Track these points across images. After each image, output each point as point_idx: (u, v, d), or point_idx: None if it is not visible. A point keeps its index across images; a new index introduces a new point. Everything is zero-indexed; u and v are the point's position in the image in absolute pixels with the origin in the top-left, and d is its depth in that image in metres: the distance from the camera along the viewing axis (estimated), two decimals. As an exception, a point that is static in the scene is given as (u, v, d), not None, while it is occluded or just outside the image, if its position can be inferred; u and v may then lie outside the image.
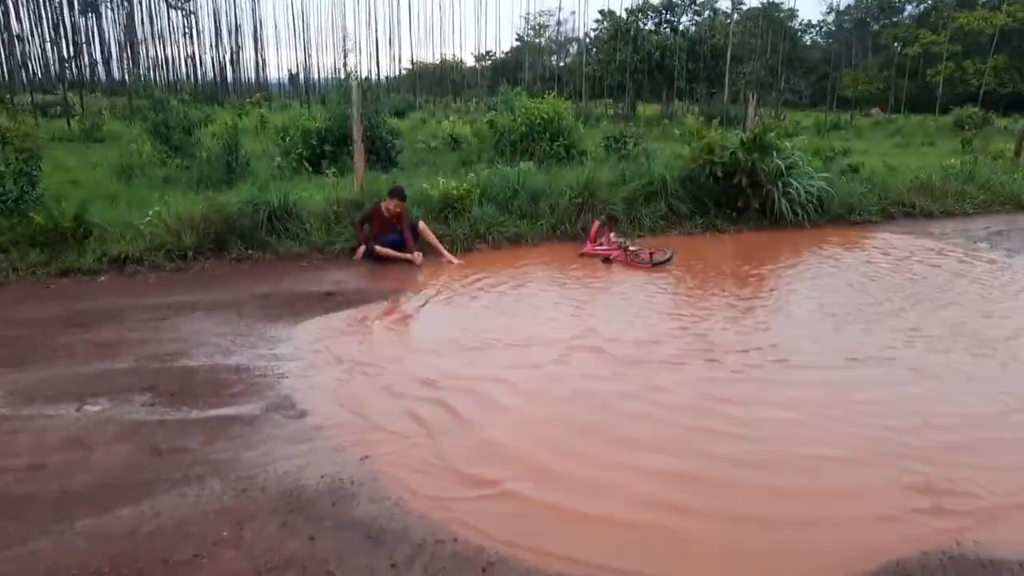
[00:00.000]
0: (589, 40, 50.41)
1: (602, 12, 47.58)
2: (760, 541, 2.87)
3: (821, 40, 62.53)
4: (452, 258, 7.31)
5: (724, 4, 45.39)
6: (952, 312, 5.92)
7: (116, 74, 50.20)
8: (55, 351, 4.73)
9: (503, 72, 60.52)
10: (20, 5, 38.10)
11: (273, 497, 3.07)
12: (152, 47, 47.83)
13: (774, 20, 48.89)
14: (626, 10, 41.37)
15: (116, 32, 49.89)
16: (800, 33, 58.32)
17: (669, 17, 39.96)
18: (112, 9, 49.48)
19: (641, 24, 39.27)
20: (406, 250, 7.28)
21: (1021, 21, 43.86)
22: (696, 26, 41.21)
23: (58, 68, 39.42)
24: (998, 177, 11.39)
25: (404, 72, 64.38)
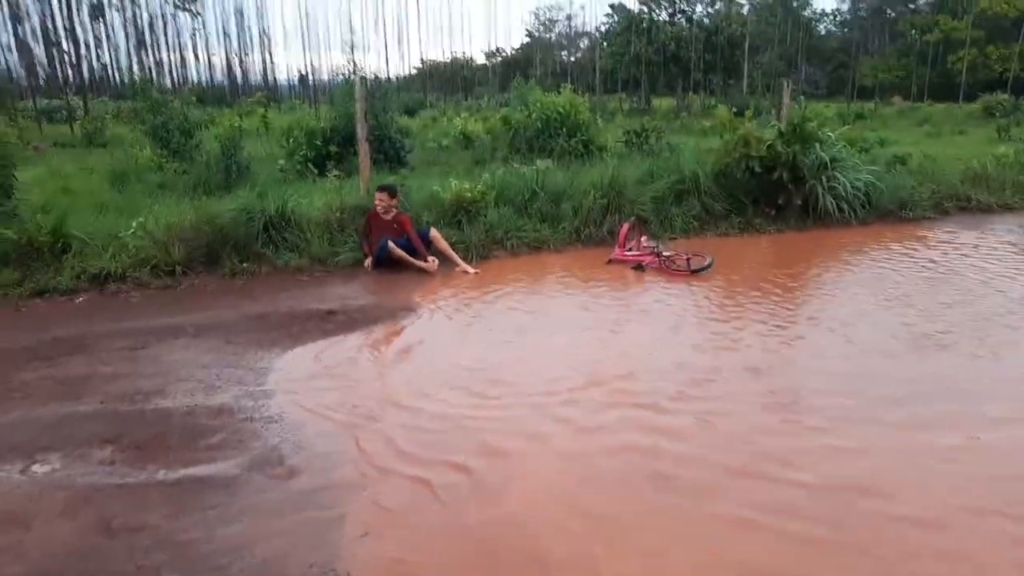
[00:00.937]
0: (600, 33, 49.59)
1: (612, 6, 46.78)
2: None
3: (836, 29, 61.35)
4: (467, 268, 6.62)
5: (739, -7, 44.48)
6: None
7: (125, 78, 50.02)
8: (12, 392, 4.09)
9: (514, 69, 59.94)
10: (26, 10, 37.78)
11: (247, 600, 2.41)
12: (161, 49, 47.55)
13: (790, 9, 47.84)
14: (639, 0, 40.49)
15: (124, 35, 49.63)
16: (815, 22, 57.20)
17: (683, 7, 39.03)
18: (120, 12, 49.22)
19: (655, 15, 38.37)
20: (417, 257, 6.62)
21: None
22: (711, 16, 40.23)
23: (64, 72, 39.14)
24: (1056, 167, 10.50)
25: (415, 71, 63.98)
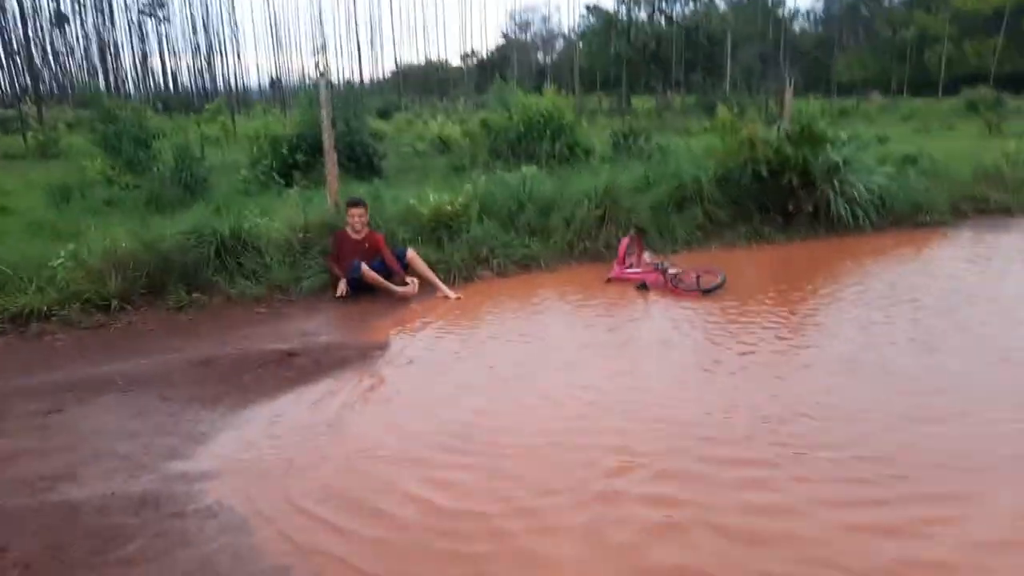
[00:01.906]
0: (577, 33, 48.99)
1: (588, 7, 46.17)
2: None
3: (809, 27, 61.34)
4: (448, 292, 5.84)
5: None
6: None
7: (90, 86, 48.52)
8: None
9: (489, 71, 59.39)
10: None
11: None
12: (125, 56, 46.14)
13: (764, 7, 47.53)
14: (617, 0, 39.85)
15: (87, 42, 48.16)
16: (791, 20, 57.09)
17: (662, 6, 38.48)
18: (83, 20, 47.76)
19: (633, 14, 37.79)
20: (393, 281, 5.83)
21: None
22: (690, 15, 39.75)
23: (23, 81, 37.71)
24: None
25: (389, 75, 63.18)
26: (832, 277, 6.32)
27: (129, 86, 45.45)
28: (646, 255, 6.30)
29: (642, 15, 38.56)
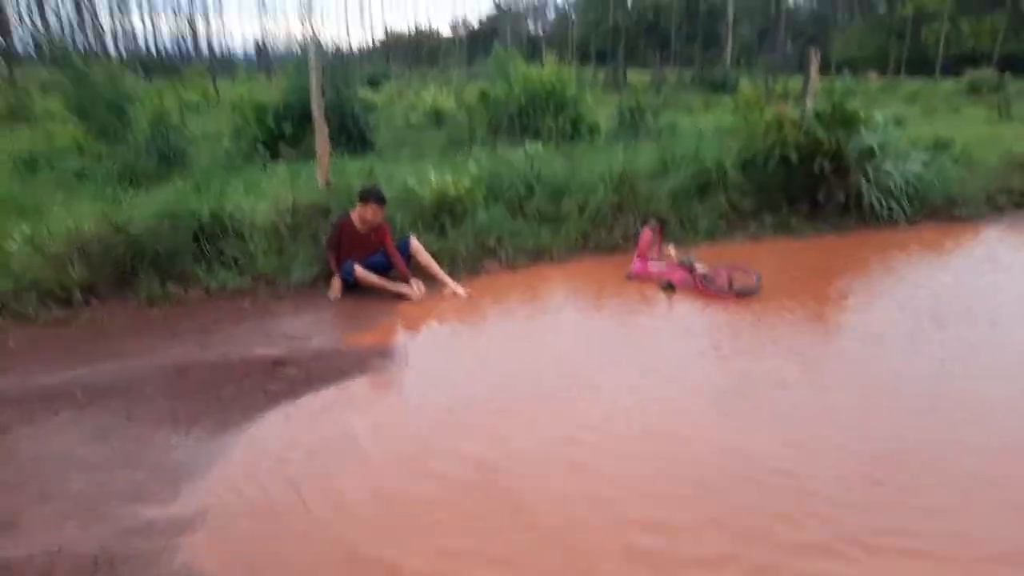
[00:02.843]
0: (571, 1, 47.78)
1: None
2: None
3: (803, 2, 60.36)
4: (458, 289, 5.24)
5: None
6: None
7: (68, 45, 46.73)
8: None
9: (481, 40, 58.30)
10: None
11: None
12: (103, 13, 44.46)
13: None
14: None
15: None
16: (784, -6, 56.08)
17: (660, -24, 37.42)
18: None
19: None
20: (394, 277, 5.24)
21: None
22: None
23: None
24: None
25: (378, 43, 61.79)
26: (886, 277, 5.76)
27: (109, 45, 43.73)
28: (670, 249, 5.73)
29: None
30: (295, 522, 2.68)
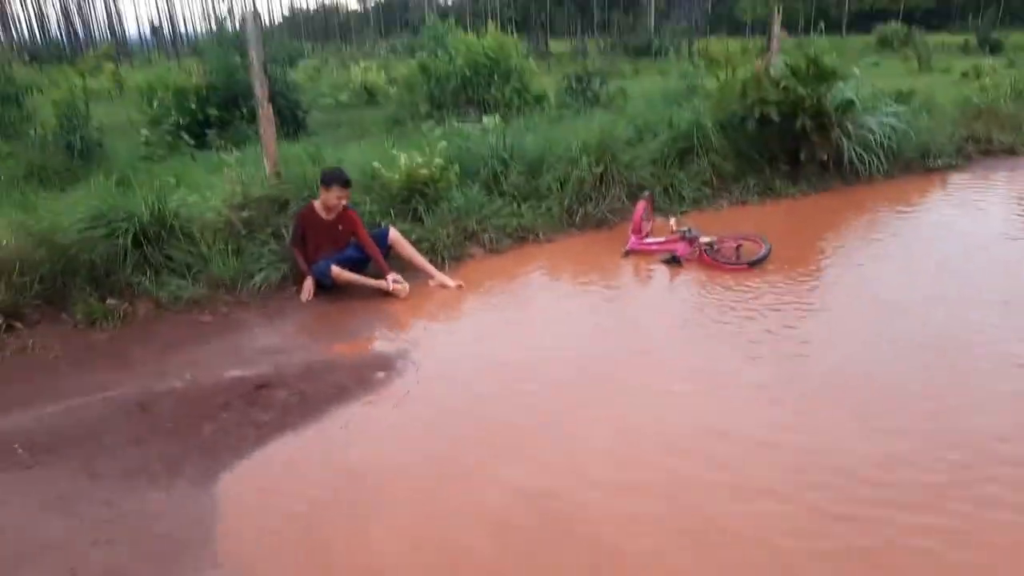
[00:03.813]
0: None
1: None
2: None
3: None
4: (446, 280, 4.67)
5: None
6: None
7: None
8: None
9: (391, 13, 56.79)
10: None
11: None
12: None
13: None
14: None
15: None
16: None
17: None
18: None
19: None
20: (370, 272, 4.63)
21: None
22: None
23: None
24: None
25: (282, 20, 59.25)
26: (887, 237, 5.53)
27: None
28: (672, 221, 5.31)
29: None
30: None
